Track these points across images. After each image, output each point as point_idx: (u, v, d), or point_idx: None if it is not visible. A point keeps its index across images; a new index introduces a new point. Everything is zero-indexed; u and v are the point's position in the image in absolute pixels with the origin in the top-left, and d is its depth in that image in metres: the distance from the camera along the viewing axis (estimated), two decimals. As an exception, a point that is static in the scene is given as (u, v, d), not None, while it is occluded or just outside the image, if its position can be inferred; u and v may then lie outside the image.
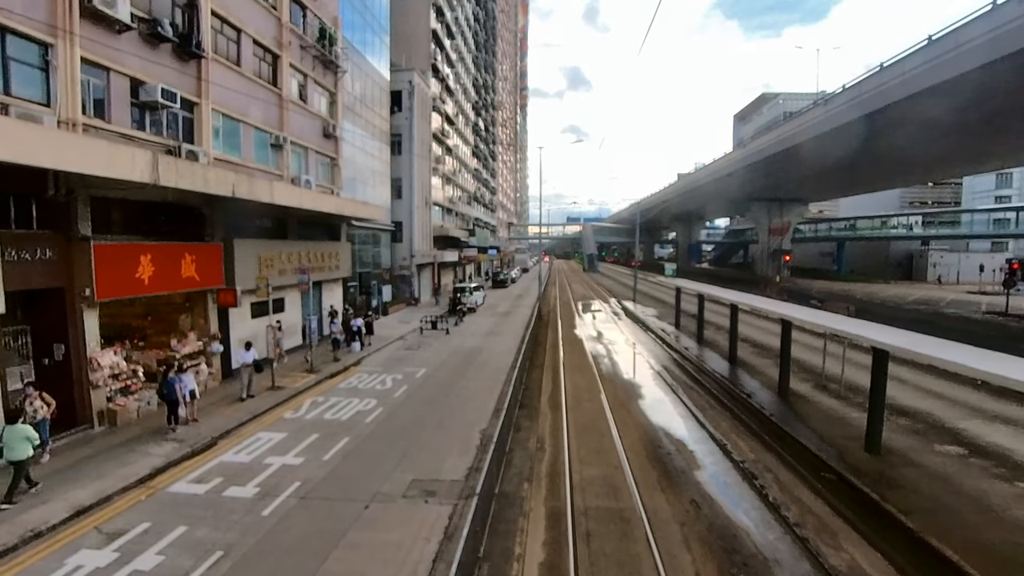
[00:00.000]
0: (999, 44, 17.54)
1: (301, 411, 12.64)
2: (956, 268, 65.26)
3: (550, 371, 16.62)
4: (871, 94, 24.23)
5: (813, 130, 30.42)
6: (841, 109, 27.34)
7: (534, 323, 25.21)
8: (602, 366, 17.40)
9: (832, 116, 28.09)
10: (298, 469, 9.25)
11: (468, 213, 53.86)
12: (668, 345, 20.77)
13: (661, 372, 16.54)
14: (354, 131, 26.26)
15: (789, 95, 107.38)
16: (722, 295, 17.85)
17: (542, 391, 14.07)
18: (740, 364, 16.52)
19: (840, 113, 27.43)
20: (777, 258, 58.28)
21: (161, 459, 9.73)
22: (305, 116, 19.82)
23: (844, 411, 11.81)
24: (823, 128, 29.84)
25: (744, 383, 14.18)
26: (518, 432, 10.82)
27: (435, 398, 13.39)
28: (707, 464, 9.33)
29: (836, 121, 28.03)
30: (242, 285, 14.87)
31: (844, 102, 27.47)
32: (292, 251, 17.90)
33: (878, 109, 24.48)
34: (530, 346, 19.77)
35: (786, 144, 34.98)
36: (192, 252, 13.33)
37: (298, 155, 19.49)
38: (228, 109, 15.33)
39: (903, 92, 22.37)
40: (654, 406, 12.99)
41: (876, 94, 23.71)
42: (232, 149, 15.72)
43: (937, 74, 20.35)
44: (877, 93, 23.60)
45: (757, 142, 41.71)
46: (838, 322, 11.60)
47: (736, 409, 12.51)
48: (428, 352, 19.42)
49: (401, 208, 33.73)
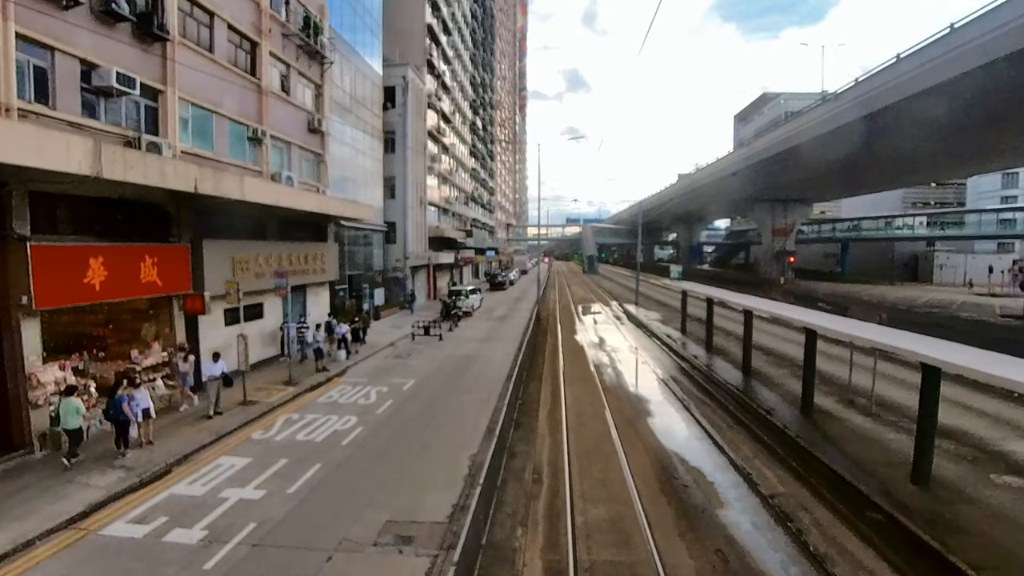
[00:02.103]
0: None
1: (272, 431, 11.37)
2: (963, 269, 64.07)
3: (549, 382, 15.35)
4: (887, 87, 23.02)
5: (820, 127, 29.20)
6: (849, 106, 26.13)
7: (532, 328, 23.95)
8: (605, 376, 16.13)
9: (840, 113, 26.87)
10: (257, 505, 7.98)
11: (465, 214, 52.62)
12: (675, 352, 19.51)
13: (669, 383, 15.28)
14: (343, 127, 25.03)
15: (790, 95, 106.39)
16: (734, 300, 16.61)
17: (540, 406, 12.81)
18: (754, 375, 15.27)
19: (848, 109, 26.22)
20: (781, 259, 57.06)
21: (101, 492, 8.46)
22: (288, 109, 18.58)
23: (878, 431, 10.56)
24: (830, 126, 28.61)
25: (762, 397, 12.93)
26: (512, 459, 9.55)
27: (422, 415, 12.12)
28: (731, 499, 8.07)
29: (843, 119, 26.81)
30: (212, 290, 13.60)
31: (852, 99, 26.26)
32: (272, 253, 16.64)
33: (889, 105, 23.30)
34: (528, 353, 18.52)
35: (791, 143, 33.77)
36: (154, 254, 12.07)
37: (279, 150, 18.25)
38: (199, 99, 14.08)
39: (922, 84, 21.17)
40: (665, 425, 11.73)
41: (894, 86, 22.49)
42: (203, 142, 14.47)
43: (951, 69, 19.18)
44: (895, 86, 22.38)
45: (762, 140, 40.51)
46: (871, 332, 10.35)
47: (756, 428, 11.26)
48: (419, 360, 18.15)
49: (395, 208, 32.49)
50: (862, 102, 25.03)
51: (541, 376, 16.14)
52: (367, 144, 27.99)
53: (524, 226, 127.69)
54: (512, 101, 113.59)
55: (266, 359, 16.63)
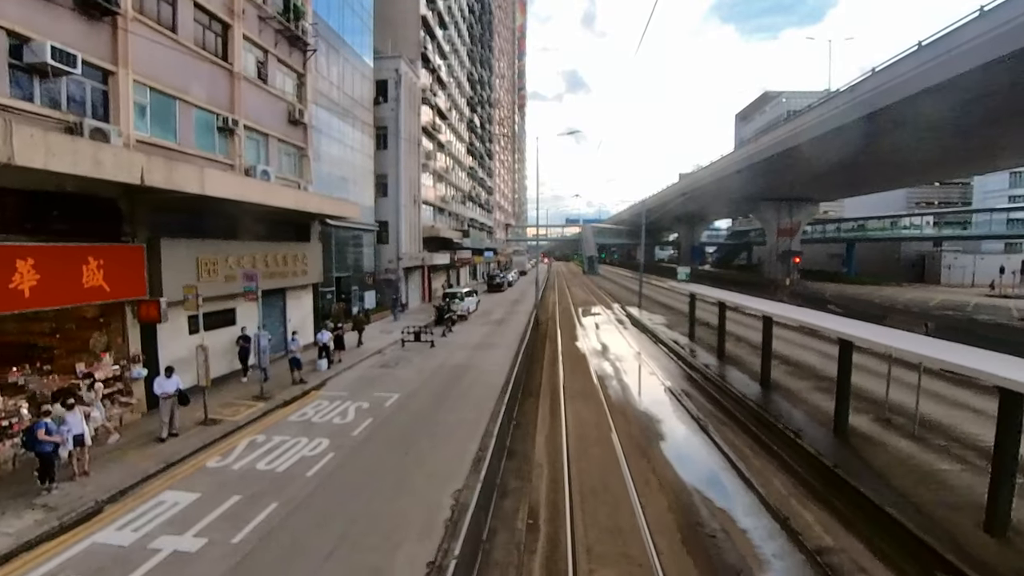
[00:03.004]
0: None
1: (231, 457, 9.93)
2: (971, 270, 62.72)
3: (548, 398, 13.91)
4: (908, 76, 21.64)
5: (834, 121, 27.80)
6: (869, 96, 24.73)
7: (530, 333, 22.54)
8: (610, 390, 14.68)
9: (857, 105, 25.47)
10: (191, 562, 6.55)
11: (462, 213, 51.20)
12: (684, 362, 18.08)
13: (681, 398, 13.83)
14: (330, 120, 23.63)
15: (792, 93, 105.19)
16: (751, 305, 15.18)
17: (537, 428, 11.36)
18: (774, 388, 13.85)
19: (867, 101, 24.82)
20: (786, 260, 55.67)
21: (10, 540, 7.03)
22: (265, 98, 17.16)
23: (928, 461, 9.13)
24: (847, 118, 27.21)
25: (786, 415, 11.51)
26: (503, 498, 8.12)
27: (403, 438, 10.68)
28: (770, 555, 6.64)
29: (860, 111, 25.43)
30: (172, 296, 12.17)
31: (871, 88, 24.87)
32: (244, 253, 15.21)
33: (910, 95, 22.01)
34: (525, 363, 17.09)
35: (800, 138, 32.39)
36: (100, 255, 10.63)
37: (255, 142, 16.83)
38: (159, 83, 12.66)
39: (947, 73, 19.81)
40: (682, 452, 10.28)
41: (915, 75, 21.12)
42: (165, 131, 13.04)
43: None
44: (918, 74, 21.00)
45: (769, 136, 39.07)
46: (920, 345, 8.92)
47: (785, 454, 9.83)
48: (406, 370, 16.72)
49: (387, 206, 31.07)
50: (883, 92, 23.64)
51: (539, 390, 14.69)
52: (356, 139, 26.57)
53: (523, 226, 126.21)
54: (511, 100, 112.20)
55: (237, 371, 15.20)
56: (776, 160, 37.87)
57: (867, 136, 27.35)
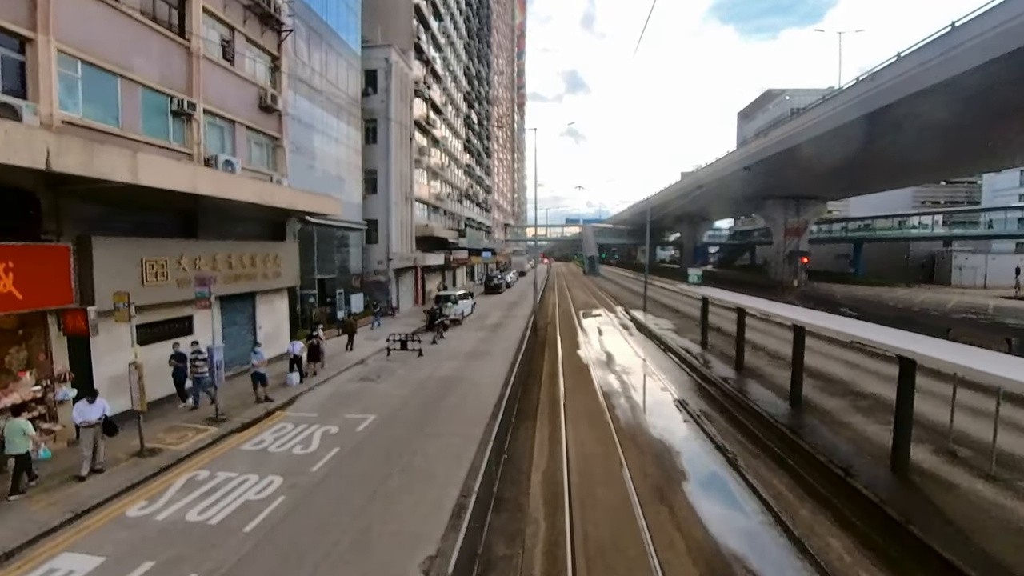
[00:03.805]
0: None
1: (159, 501, 8.15)
2: (983, 271, 61.00)
3: (546, 421, 12.10)
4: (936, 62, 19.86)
5: (856, 110, 26.00)
6: (893, 84, 22.96)
7: (528, 340, 20.76)
8: (618, 410, 12.86)
9: (882, 92, 23.69)
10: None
11: (459, 212, 49.43)
12: (699, 374, 16.27)
13: (702, 421, 12.00)
14: (312, 110, 21.87)
15: (796, 91, 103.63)
16: (777, 311, 13.36)
17: (533, 463, 9.54)
18: (807, 407, 12.07)
19: (892, 89, 23.05)
20: (794, 260, 53.87)
21: None
22: (231, 81, 15.39)
23: (1020, 511, 7.35)
24: (870, 107, 25.36)
25: (828, 444, 9.73)
26: (488, 571, 6.32)
27: (371, 475, 8.90)
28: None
29: (884, 99, 23.65)
30: (107, 304, 10.39)
31: (893, 77, 23.11)
32: (203, 254, 13.43)
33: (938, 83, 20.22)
34: (521, 375, 15.31)
35: (820, 129, 30.51)
36: (9, 257, 8.85)
37: (219, 130, 15.05)
38: (94, 56, 10.88)
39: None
40: (711, 498, 8.37)
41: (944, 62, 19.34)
42: (103, 112, 11.27)
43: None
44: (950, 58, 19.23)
45: (782, 129, 37.15)
46: (1004, 367, 7.14)
47: (839, 502, 8.03)
48: (388, 384, 14.93)
49: (376, 204, 29.30)
50: (912, 77, 21.84)
51: (536, 410, 12.87)
52: (342, 131, 24.81)
53: (523, 226, 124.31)
54: (510, 98, 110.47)
55: (190, 388, 13.37)
56: (785, 156, 36.06)
57: (892, 125, 25.54)
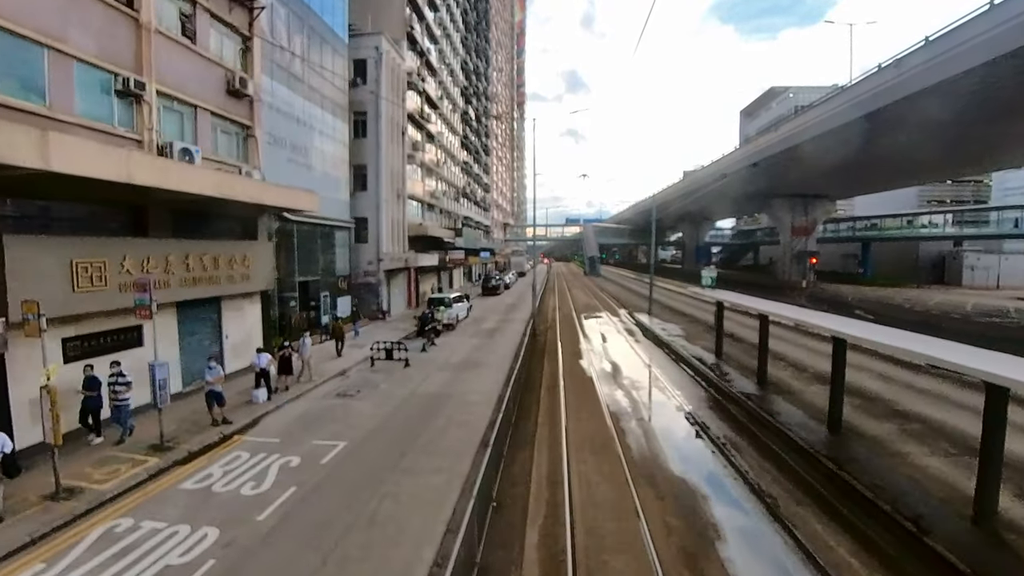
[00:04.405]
0: None
1: (58, 567, 6.46)
2: (996, 271, 59.27)
3: (545, 452, 10.37)
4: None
5: (880, 99, 24.29)
6: (922, 70, 21.27)
7: (527, 347, 19.06)
8: (630, 438, 11.08)
9: (910, 79, 22.00)
10: None
11: (456, 211, 47.74)
12: (717, 389, 14.54)
13: (728, 451, 10.22)
14: (292, 99, 20.18)
15: (800, 88, 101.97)
16: (813, 322, 11.58)
17: (529, 515, 7.77)
18: (848, 432, 10.37)
19: (921, 75, 21.37)
20: (802, 260, 52.23)
21: None
22: (191, 60, 13.71)
23: None
24: (896, 95, 23.62)
25: (890, 485, 8.03)
26: None
27: (328, 527, 7.21)
28: None
29: (918, 84, 21.92)
30: (21, 314, 8.70)
31: (922, 62, 21.42)
32: (153, 254, 11.76)
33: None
34: (517, 391, 13.62)
35: (847, 117, 28.63)
36: None
37: (177, 115, 13.37)
38: (10, 21, 9.22)
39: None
40: (755, 570, 6.55)
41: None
42: (25, 89, 9.60)
43: None
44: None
45: (795, 122, 35.36)
46: None
47: (916, 570, 6.34)
48: (366, 403, 13.24)
49: (366, 201, 27.61)
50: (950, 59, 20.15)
51: (533, 437, 11.12)
52: (327, 123, 23.12)
53: (522, 226, 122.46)
54: (509, 95, 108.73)
55: (139, 407, 11.70)
56: (798, 150, 34.33)
57: (917, 116, 23.85)
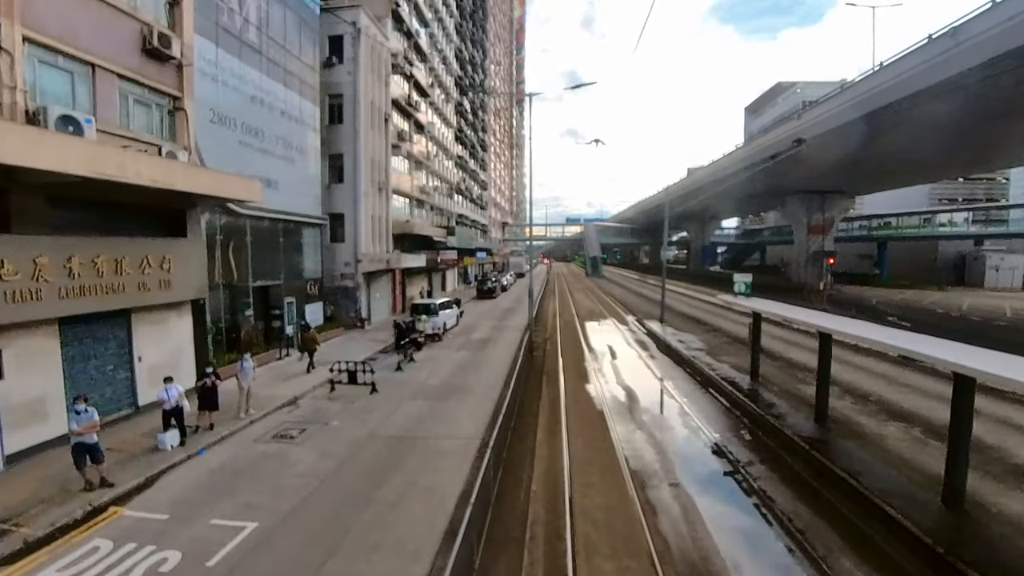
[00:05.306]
0: None
1: None
2: (1021, 272, 56.15)
3: (540, 550, 7.17)
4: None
5: (923, 77, 21.19)
6: (983, 39, 18.15)
7: (522, 365, 15.92)
8: (665, 524, 7.47)
9: (968, 50, 18.86)
10: None
11: (449, 208, 44.61)
12: (765, 429, 11.32)
13: (815, 549, 7.04)
14: (245, 71, 17.05)
15: (808, 83, 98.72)
16: (926, 353, 8.16)
17: None
18: (981, 511, 7.26)
19: (982, 44, 18.24)
20: (819, 261, 49.03)
21: None
22: (86, 5, 10.59)
23: None
24: (934, 77, 20.64)
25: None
26: None
27: None
28: None
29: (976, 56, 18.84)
30: None
31: (983, 29, 18.29)
32: (12, 257, 8.64)
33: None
34: (506, 433, 10.49)
35: (865, 108, 25.66)
36: None
37: (63, 74, 10.26)
38: None
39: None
40: None
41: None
42: None
43: None
44: None
45: (823, 107, 32.02)
46: None
47: None
48: (308, 450, 10.10)
49: (343, 194, 24.53)
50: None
51: (526, 517, 7.89)
52: (292, 103, 20.00)
53: (521, 225, 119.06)
54: (509, 91, 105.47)
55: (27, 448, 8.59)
56: (837, 133, 30.91)
57: (976, 92, 20.74)
